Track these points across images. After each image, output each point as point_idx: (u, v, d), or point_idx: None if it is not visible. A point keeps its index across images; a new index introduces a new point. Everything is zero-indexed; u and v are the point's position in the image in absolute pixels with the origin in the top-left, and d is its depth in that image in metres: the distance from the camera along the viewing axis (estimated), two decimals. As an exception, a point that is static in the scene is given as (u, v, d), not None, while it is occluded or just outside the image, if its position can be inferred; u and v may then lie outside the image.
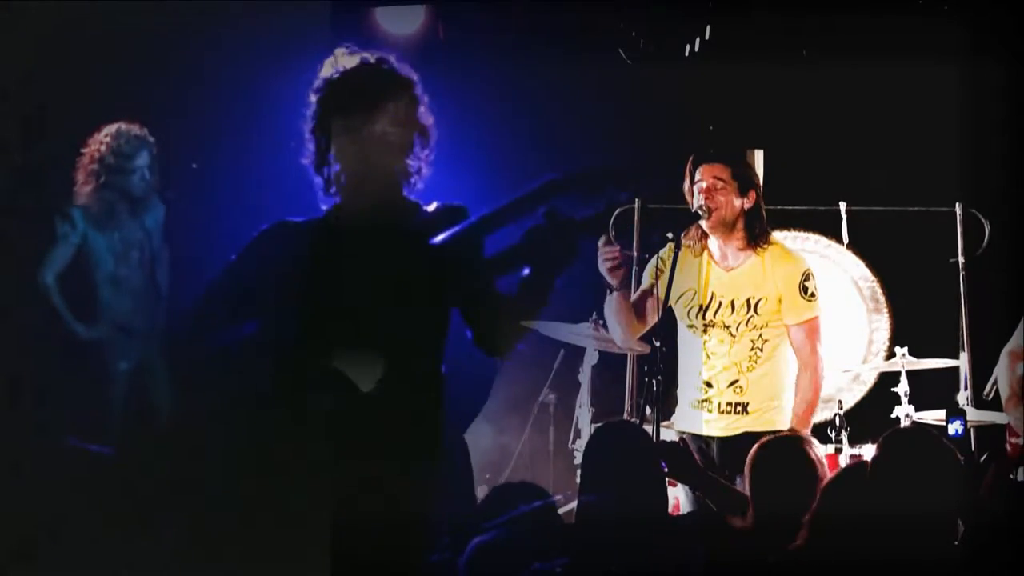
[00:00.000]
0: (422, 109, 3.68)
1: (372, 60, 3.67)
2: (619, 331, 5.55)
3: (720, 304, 5.40)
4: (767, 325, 5.36)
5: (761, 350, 5.36)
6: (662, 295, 5.34)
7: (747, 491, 4.33)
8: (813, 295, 5.39)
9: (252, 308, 3.65)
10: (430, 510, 3.52)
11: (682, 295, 5.44)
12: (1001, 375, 5.61)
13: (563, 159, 7.61)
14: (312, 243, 3.61)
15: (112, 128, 6.24)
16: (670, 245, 5.44)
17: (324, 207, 3.67)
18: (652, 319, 5.54)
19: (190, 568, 3.79)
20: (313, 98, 3.66)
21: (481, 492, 7.11)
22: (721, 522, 4.38)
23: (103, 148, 6.22)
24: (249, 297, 3.66)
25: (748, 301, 5.36)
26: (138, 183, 6.25)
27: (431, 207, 3.66)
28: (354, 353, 3.49)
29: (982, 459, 5.98)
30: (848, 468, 4.04)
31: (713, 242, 5.46)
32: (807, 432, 5.30)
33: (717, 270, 5.44)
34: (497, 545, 3.64)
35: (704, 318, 5.42)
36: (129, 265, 6.28)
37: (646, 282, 5.57)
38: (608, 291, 5.43)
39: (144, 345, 6.24)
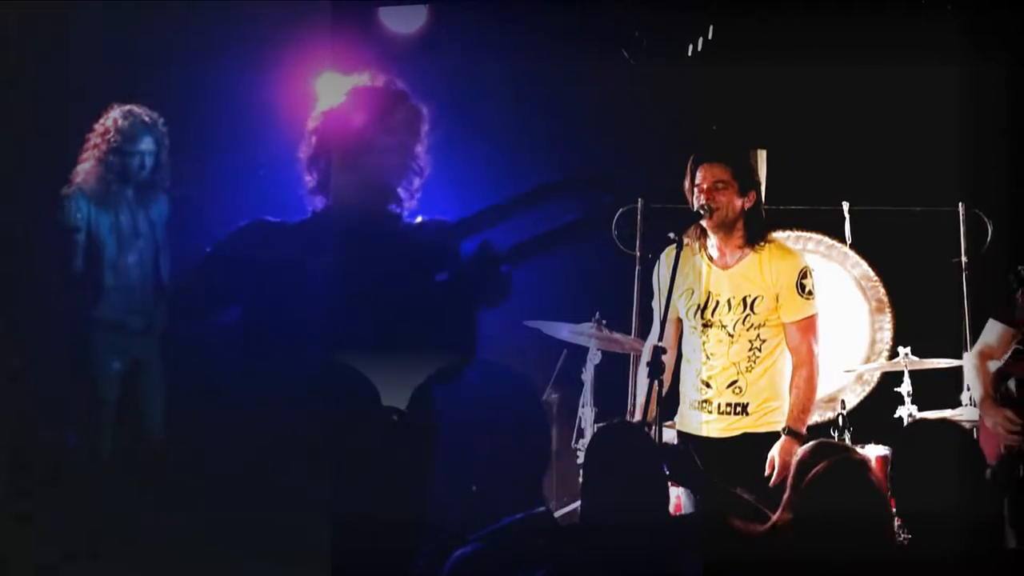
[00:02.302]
0: (420, 149, 3.72)
1: (398, 87, 3.71)
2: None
3: (717, 303, 5.39)
4: (764, 324, 5.34)
5: (759, 350, 5.35)
6: (663, 294, 5.33)
7: (789, 491, 4.27)
8: (811, 293, 5.36)
9: (227, 300, 3.67)
10: (422, 515, 3.55)
11: (682, 295, 5.44)
12: (972, 377, 5.56)
13: (564, 158, 7.63)
14: (292, 243, 3.63)
15: (125, 108, 6.14)
16: (672, 245, 5.45)
17: (308, 209, 3.70)
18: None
19: (189, 568, 3.81)
20: (336, 97, 3.69)
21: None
22: (720, 524, 4.36)
23: (109, 124, 6.11)
24: (224, 289, 3.68)
25: (745, 300, 5.35)
26: (137, 168, 6.12)
27: (416, 220, 3.70)
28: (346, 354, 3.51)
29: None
30: (834, 464, 3.99)
31: (711, 241, 5.44)
32: (803, 431, 5.30)
33: (715, 269, 5.43)
34: (479, 558, 3.64)
35: (702, 317, 5.41)
36: (133, 255, 6.14)
37: (657, 301, 5.53)
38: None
39: (138, 344, 6.10)
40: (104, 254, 6.05)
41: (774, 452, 5.25)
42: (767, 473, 5.23)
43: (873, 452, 6.40)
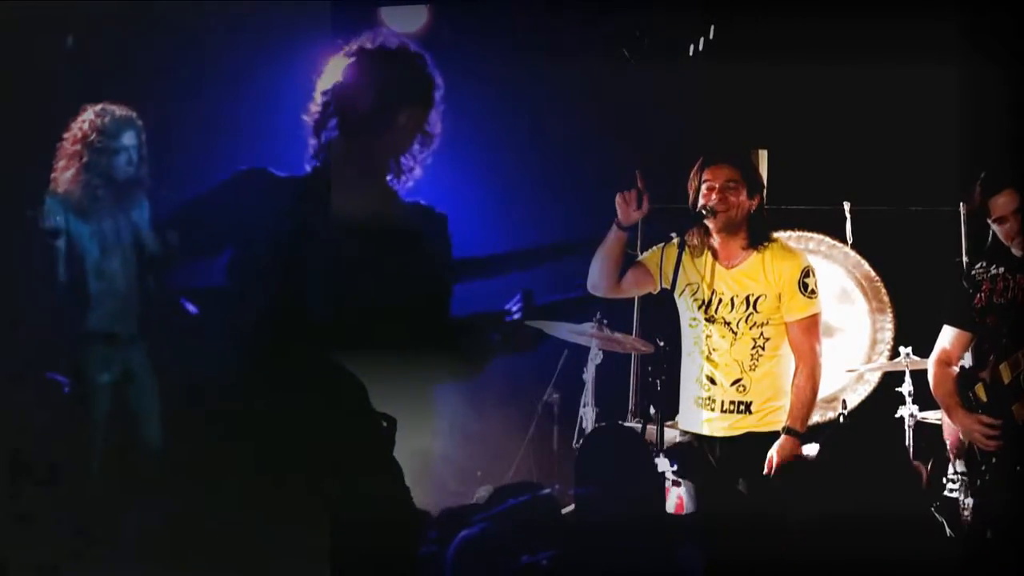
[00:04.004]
0: (435, 115, 3.68)
1: (412, 50, 3.67)
2: (598, 270, 5.52)
3: (720, 301, 5.40)
4: (768, 323, 5.35)
5: (763, 348, 5.35)
6: (668, 281, 5.34)
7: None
8: (813, 292, 5.37)
9: (220, 244, 3.65)
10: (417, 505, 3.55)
11: (684, 290, 5.44)
12: (934, 385, 5.53)
13: (566, 159, 7.63)
14: (289, 200, 3.59)
15: (97, 107, 5.86)
16: (674, 241, 5.46)
17: (308, 167, 3.67)
18: (628, 291, 5.60)
19: (188, 569, 3.80)
20: (345, 61, 3.64)
21: (482, 491, 7.15)
22: (720, 523, 4.38)
23: (86, 126, 5.83)
24: (219, 233, 3.65)
25: (748, 299, 5.36)
26: (124, 166, 5.84)
27: (411, 201, 3.67)
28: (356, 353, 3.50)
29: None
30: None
31: (714, 240, 5.46)
32: (803, 431, 5.29)
33: (719, 268, 5.44)
34: (484, 538, 3.65)
35: (705, 313, 5.42)
36: (118, 261, 5.86)
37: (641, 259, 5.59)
38: (613, 224, 5.41)
39: (128, 353, 5.85)
40: (87, 261, 5.79)
41: (772, 452, 5.25)
42: (765, 472, 5.24)
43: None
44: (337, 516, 3.45)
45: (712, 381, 5.40)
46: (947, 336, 5.53)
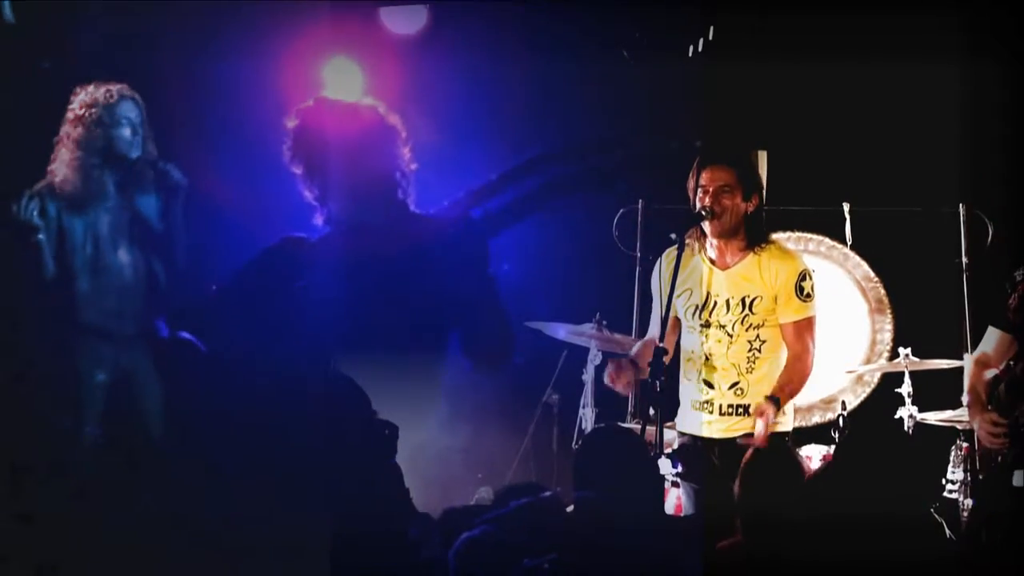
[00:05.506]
0: (382, 111, 3.72)
1: (311, 103, 3.74)
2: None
3: (716, 303, 5.39)
4: (763, 324, 5.34)
5: (759, 351, 5.34)
6: (664, 295, 5.33)
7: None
8: (809, 295, 5.34)
9: (258, 317, 3.70)
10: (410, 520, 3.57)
11: (681, 295, 5.43)
12: (967, 385, 5.56)
13: (565, 158, 7.62)
14: (319, 257, 3.66)
15: (89, 86, 5.62)
16: (672, 247, 5.45)
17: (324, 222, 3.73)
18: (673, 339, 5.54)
19: (188, 570, 3.81)
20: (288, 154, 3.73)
21: (482, 492, 7.15)
22: (719, 524, 4.38)
23: (78, 106, 5.57)
24: (256, 307, 3.71)
25: (743, 300, 5.35)
26: (128, 138, 5.58)
27: (426, 214, 3.71)
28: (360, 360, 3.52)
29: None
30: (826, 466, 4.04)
31: (711, 242, 5.44)
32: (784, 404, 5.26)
33: (715, 270, 5.43)
34: (486, 540, 3.65)
35: (700, 317, 5.41)
36: (119, 256, 5.69)
37: (657, 302, 5.51)
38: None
39: (128, 350, 5.66)
40: (76, 257, 5.57)
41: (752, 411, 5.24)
42: (742, 440, 5.19)
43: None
44: (338, 521, 3.46)
45: (709, 385, 5.40)
46: (990, 338, 5.53)
